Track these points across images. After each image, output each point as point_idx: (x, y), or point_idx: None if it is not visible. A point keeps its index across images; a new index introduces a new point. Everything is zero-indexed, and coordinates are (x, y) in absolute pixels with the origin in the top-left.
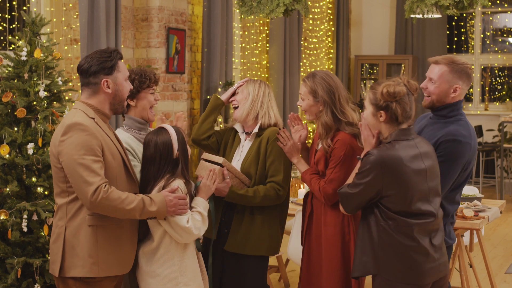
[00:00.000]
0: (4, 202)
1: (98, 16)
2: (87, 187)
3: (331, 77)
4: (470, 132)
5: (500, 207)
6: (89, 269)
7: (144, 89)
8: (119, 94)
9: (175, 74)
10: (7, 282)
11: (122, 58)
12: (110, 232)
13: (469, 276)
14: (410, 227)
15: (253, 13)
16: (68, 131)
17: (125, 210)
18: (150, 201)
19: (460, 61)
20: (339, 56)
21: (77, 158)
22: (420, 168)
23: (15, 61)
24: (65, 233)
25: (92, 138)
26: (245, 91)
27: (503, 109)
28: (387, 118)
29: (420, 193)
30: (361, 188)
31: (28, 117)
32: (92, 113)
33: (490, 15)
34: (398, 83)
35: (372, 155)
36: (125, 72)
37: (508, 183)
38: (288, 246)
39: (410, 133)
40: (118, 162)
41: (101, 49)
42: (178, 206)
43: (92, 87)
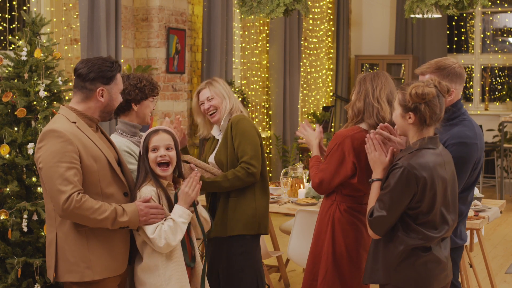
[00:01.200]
0: (4, 202)
1: (98, 16)
2: (59, 195)
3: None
4: (475, 132)
5: (500, 207)
6: (82, 274)
7: (151, 96)
8: (110, 104)
9: (175, 74)
10: (7, 282)
11: (121, 71)
12: (100, 234)
13: (469, 276)
14: (429, 239)
15: (253, 13)
16: (43, 138)
17: (96, 220)
18: (122, 211)
19: (446, 64)
20: (339, 56)
21: (51, 166)
22: (444, 177)
23: (15, 61)
24: (57, 239)
25: (67, 144)
26: (216, 92)
27: (503, 109)
28: (416, 120)
29: (442, 202)
30: (394, 206)
31: (28, 117)
32: (74, 117)
33: (490, 15)
34: (427, 84)
35: (401, 166)
36: (121, 86)
37: (508, 183)
38: (288, 246)
39: (437, 141)
40: (101, 165)
41: (103, 57)
42: (150, 215)
43: (85, 92)
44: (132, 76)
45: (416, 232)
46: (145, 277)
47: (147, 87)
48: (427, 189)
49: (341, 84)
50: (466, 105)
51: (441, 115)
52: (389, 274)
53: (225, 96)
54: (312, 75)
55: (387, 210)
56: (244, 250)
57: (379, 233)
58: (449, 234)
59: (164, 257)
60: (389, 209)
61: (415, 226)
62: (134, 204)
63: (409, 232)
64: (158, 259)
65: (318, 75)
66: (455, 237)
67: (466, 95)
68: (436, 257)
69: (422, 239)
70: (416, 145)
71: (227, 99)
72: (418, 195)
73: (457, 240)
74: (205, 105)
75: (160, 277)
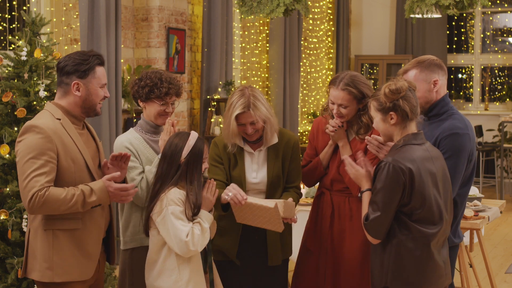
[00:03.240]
0: (4, 202)
1: (98, 16)
2: (28, 192)
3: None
4: (466, 124)
5: (500, 207)
6: (43, 274)
7: (153, 98)
8: (89, 99)
9: (175, 74)
10: (7, 282)
11: (103, 64)
12: (67, 237)
13: (469, 276)
14: (427, 237)
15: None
16: (24, 132)
17: (65, 207)
18: (90, 191)
19: (424, 58)
20: (339, 56)
21: (25, 161)
22: (432, 171)
23: (15, 61)
24: (28, 235)
25: (46, 141)
26: (258, 115)
27: (503, 109)
28: (399, 118)
29: (434, 197)
30: (387, 203)
31: (28, 117)
32: (59, 114)
33: (490, 15)
34: (397, 80)
35: (386, 162)
36: (102, 80)
37: (508, 183)
38: None
39: (422, 137)
40: (79, 166)
41: (83, 50)
42: (120, 198)
43: (63, 87)
44: (150, 73)
45: (412, 230)
46: (160, 281)
47: (147, 87)
48: (415, 181)
49: None
50: (466, 105)
51: (418, 107)
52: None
53: (269, 117)
54: (312, 75)
55: (381, 209)
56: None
57: (378, 236)
58: (446, 232)
59: (181, 261)
60: (383, 208)
61: (411, 224)
62: (101, 181)
63: (406, 231)
64: (175, 262)
65: (318, 75)
66: (452, 236)
67: (466, 95)
68: (436, 260)
69: (420, 237)
70: (400, 142)
71: (271, 117)
72: (407, 188)
73: (453, 239)
74: (248, 129)
75: (178, 281)
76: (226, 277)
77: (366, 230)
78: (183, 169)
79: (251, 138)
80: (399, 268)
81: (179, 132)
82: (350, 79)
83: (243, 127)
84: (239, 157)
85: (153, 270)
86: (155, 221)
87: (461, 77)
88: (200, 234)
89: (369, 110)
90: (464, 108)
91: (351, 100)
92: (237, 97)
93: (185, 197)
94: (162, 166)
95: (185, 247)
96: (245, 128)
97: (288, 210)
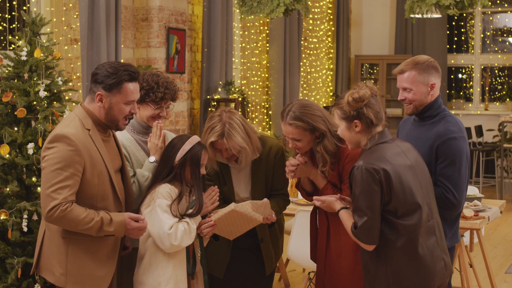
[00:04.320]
0: (4, 202)
1: (98, 16)
2: (49, 201)
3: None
4: (459, 126)
5: (500, 207)
6: (58, 278)
7: (148, 101)
8: (111, 113)
9: (175, 74)
10: (7, 282)
11: (135, 80)
12: (84, 247)
13: (469, 276)
14: (414, 231)
15: (253, 13)
16: (54, 140)
17: (81, 228)
18: (109, 221)
19: (422, 59)
20: (339, 56)
21: (52, 170)
22: (407, 164)
23: (15, 61)
24: (44, 235)
25: (75, 155)
26: (231, 144)
27: (503, 109)
28: (363, 126)
29: (415, 188)
30: (371, 205)
31: (28, 117)
32: (89, 123)
33: (490, 15)
34: (360, 87)
35: (358, 166)
36: (129, 97)
37: (508, 183)
38: (288, 246)
39: (388, 134)
40: (102, 180)
41: (120, 62)
42: (136, 234)
43: (91, 94)
44: (147, 75)
45: (400, 228)
46: (144, 277)
47: (143, 90)
48: (391, 179)
49: (341, 84)
50: (466, 105)
51: (382, 112)
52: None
53: (244, 146)
54: (312, 75)
55: (366, 213)
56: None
57: (372, 241)
58: (434, 218)
59: (166, 258)
60: (368, 211)
61: (397, 222)
62: (123, 216)
63: (393, 230)
64: (160, 259)
65: (318, 75)
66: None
67: (466, 95)
68: (431, 254)
69: (407, 233)
70: (367, 145)
71: (246, 146)
72: (385, 186)
73: (451, 241)
74: (224, 154)
75: (160, 277)
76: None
77: (357, 239)
78: (176, 171)
79: (230, 160)
80: (398, 272)
81: (183, 135)
82: (298, 112)
83: (219, 151)
84: (226, 173)
85: (139, 266)
86: (143, 212)
87: (461, 77)
88: (184, 231)
89: (333, 119)
90: (464, 108)
91: (302, 132)
92: (213, 122)
93: (177, 194)
94: (159, 165)
95: (167, 239)
96: (221, 152)
97: (259, 208)
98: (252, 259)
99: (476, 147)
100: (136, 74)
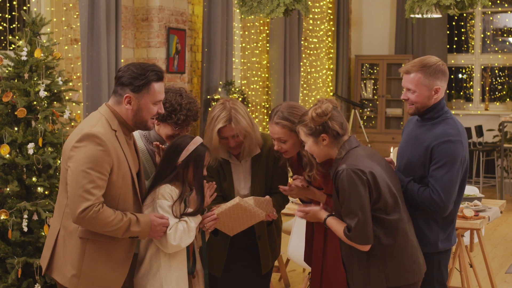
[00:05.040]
0: (5, 202)
1: (98, 16)
2: (81, 202)
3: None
4: (458, 130)
5: (500, 207)
6: (69, 280)
7: (169, 122)
8: (139, 114)
9: (175, 74)
10: (8, 282)
11: (161, 80)
12: (101, 249)
13: (469, 276)
14: (404, 224)
15: (253, 13)
16: (84, 139)
17: (108, 229)
18: (136, 221)
19: (430, 62)
20: (339, 56)
21: (82, 170)
22: (381, 163)
23: (15, 61)
24: (58, 235)
25: (105, 155)
26: (239, 128)
27: (503, 109)
28: (331, 138)
29: (391, 183)
30: (361, 205)
31: (28, 117)
32: (116, 124)
33: (490, 15)
34: (320, 102)
35: (342, 169)
36: (157, 96)
37: (508, 183)
38: (288, 246)
39: (355, 140)
40: (126, 182)
41: (144, 63)
42: (159, 233)
43: (117, 97)
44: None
45: (391, 223)
46: (145, 279)
47: (167, 109)
48: (376, 178)
49: (341, 84)
50: (466, 105)
51: (346, 123)
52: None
53: (249, 131)
54: (312, 75)
55: (358, 214)
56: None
57: (366, 241)
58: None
59: (167, 259)
60: (359, 211)
61: (387, 218)
62: (149, 216)
63: (386, 227)
64: (161, 260)
65: (318, 75)
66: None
67: (466, 95)
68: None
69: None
70: (341, 154)
71: (251, 132)
72: (372, 184)
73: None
74: (231, 143)
75: (161, 278)
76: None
77: (352, 241)
78: (179, 171)
79: (235, 151)
80: (393, 268)
81: (184, 135)
82: (286, 112)
83: (226, 140)
84: (226, 169)
85: (140, 268)
86: (144, 212)
87: (461, 77)
88: (183, 231)
89: (299, 136)
90: (465, 108)
91: (288, 133)
92: (218, 111)
93: (178, 194)
94: (161, 165)
95: (166, 240)
96: (227, 141)
97: (262, 204)
98: (249, 258)
99: (476, 147)
100: (162, 74)
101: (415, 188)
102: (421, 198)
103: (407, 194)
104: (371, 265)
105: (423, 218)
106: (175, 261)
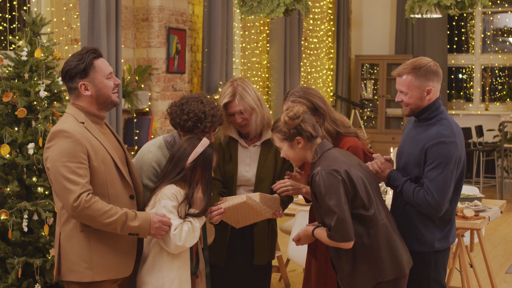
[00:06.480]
0: (5, 202)
1: (99, 16)
2: (68, 195)
3: (313, 88)
4: (453, 131)
5: (501, 207)
6: (83, 274)
7: (196, 132)
8: (101, 93)
9: (175, 74)
10: (8, 282)
11: (101, 56)
12: (104, 235)
13: (469, 276)
14: (383, 219)
15: (253, 13)
16: (52, 138)
17: (104, 222)
18: (134, 216)
19: (421, 64)
20: (340, 56)
21: (59, 165)
22: (356, 162)
23: (16, 61)
24: (60, 238)
25: (76, 144)
26: (243, 104)
27: (504, 109)
28: (305, 140)
29: (366, 179)
30: (338, 204)
31: (28, 117)
32: (82, 117)
33: (491, 15)
34: (292, 106)
35: (316, 172)
36: (105, 70)
37: (509, 183)
38: (289, 246)
39: (328, 143)
40: (108, 166)
41: (77, 51)
42: (160, 231)
43: (74, 92)
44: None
45: (371, 219)
46: (148, 277)
47: (190, 121)
48: (352, 176)
49: (341, 84)
50: (466, 105)
51: (317, 125)
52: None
53: (255, 107)
54: (312, 75)
55: (335, 211)
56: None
57: (348, 237)
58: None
59: (170, 258)
60: (336, 209)
61: (367, 215)
62: (148, 212)
63: (367, 223)
64: (164, 259)
65: (318, 75)
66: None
67: (466, 95)
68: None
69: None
70: (315, 158)
71: (257, 108)
72: (347, 183)
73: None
74: (237, 119)
75: (164, 278)
76: (212, 278)
77: (335, 241)
78: (187, 173)
79: (243, 129)
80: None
81: (191, 137)
82: (301, 92)
83: (233, 117)
84: (233, 151)
85: (143, 266)
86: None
87: (461, 77)
88: (188, 231)
89: (274, 143)
90: (465, 108)
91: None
92: (226, 87)
93: (182, 195)
94: (167, 167)
95: (171, 241)
96: (234, 118)
97: (268, 202)
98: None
99: (477, 147)
100: (97, 50)
101: (411, 188)
102: (416, 199)
103: (404, 194)
104: (358, 262)
105: (419, 217)
106: (178, 261)
